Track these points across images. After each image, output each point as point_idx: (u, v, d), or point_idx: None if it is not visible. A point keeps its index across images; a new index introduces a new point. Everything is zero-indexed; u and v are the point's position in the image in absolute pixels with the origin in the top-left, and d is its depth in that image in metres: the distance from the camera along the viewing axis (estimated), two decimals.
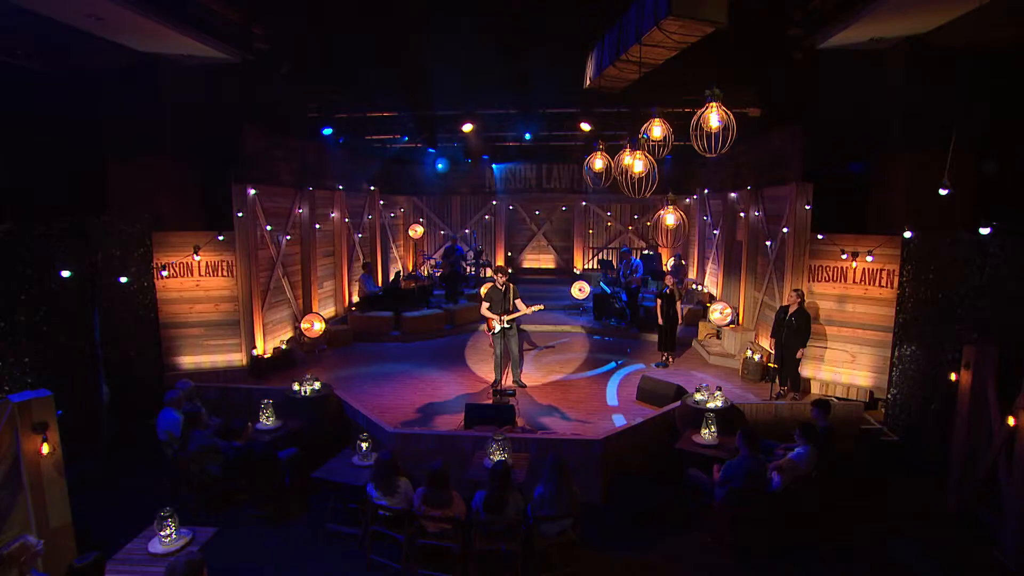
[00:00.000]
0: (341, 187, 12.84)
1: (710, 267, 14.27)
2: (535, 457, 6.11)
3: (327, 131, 10.95)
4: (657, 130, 5.92)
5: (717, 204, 13.59)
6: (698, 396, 7.20)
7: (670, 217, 5.84)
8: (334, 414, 7.57)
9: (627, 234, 17.72)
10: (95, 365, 7.22)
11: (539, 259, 18.30)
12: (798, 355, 8.10)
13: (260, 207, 9.69)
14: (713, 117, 4.74)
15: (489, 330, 8.69)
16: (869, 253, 7.79)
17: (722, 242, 12.94)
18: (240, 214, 9.00)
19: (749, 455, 5.41)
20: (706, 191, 14.34)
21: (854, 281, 8.31)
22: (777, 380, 8.38)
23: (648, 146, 6.04)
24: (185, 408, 6.25)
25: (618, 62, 6.72)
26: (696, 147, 4.75)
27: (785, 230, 9.25)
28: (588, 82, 8.67)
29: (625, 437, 6.77)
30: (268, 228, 9.94)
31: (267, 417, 6.73)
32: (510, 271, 9.10)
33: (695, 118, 4.74)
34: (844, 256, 8.07)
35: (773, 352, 8.48)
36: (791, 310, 8.13)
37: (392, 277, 14.10)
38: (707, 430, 6.45)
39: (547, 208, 17.91)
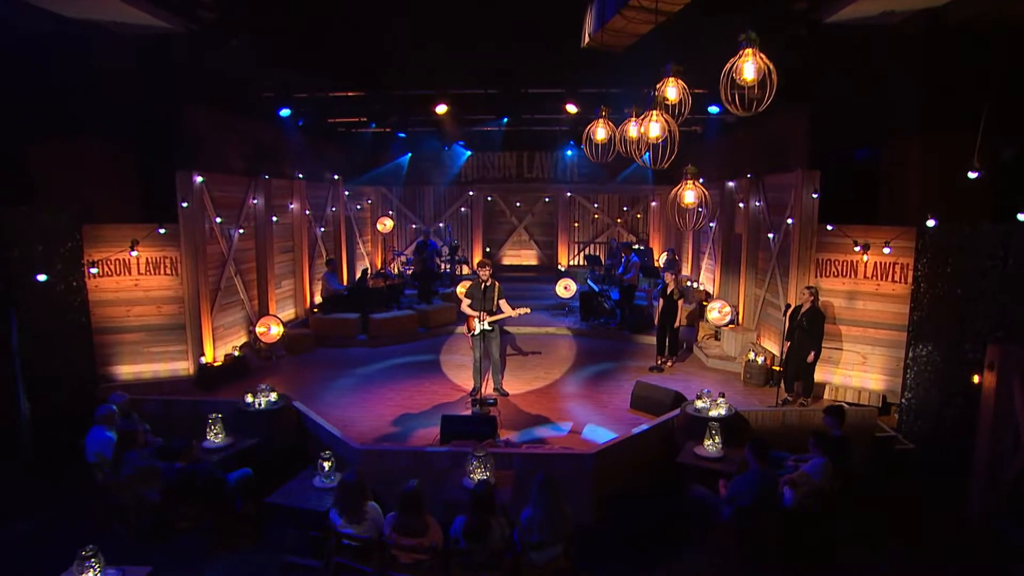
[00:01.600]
0: (301, 175, 12.45)
1: (706, 263, 14.19)
2: (521, 474, 5.86)
3: (284, 112, 10.54)
4: (671, 91, 5.35)
5: (713, 195, 13.43)
6: (699, 403, 7.03)
7: (689, 194, 5.32)
8: (293, 429, 7.23)
9: (616, 227, 17.60)
10: (12, 376, 6.76)
11: (520, 255, 18.07)
12: (809, 358, 7.98)
13: (208, 196, 9.26)
14: (748, 67, 4.15)
15: (468, 331, 8.41)
16: (886, 244, 7.67)
17: (719, 236, 12.86)
18: (185, 204, 8.58)
19: (760, 469, 5.24)
20: (701, 181, 14.19)
21: (865, 276, 8.24)
22: (783, 384, 8.25)
23: (662, 107, 5.54)
24: (119, 425, 5.85)
25: (626, 10, 6.22)
26: (727, 105, 4.25)
27: (790, 221, 9.15)
28: (587, 39, 8.26)
29: (619, 450, 6.57)
30: (218, 220, 9.51)
31: (215, 434, 6.36)
32: (489, 251, 8.70)
33: (727, 68, 4.23)
34: (858, 248, 7.97)
35: (785, 355, 8.32)
36: (803, 309, 8.01)
37: (358, 275, 13.72)
38: (710, 441, 6.28)
39: (528, 199, 17.70)
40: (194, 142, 9.01)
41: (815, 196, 8.51)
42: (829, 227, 8.30)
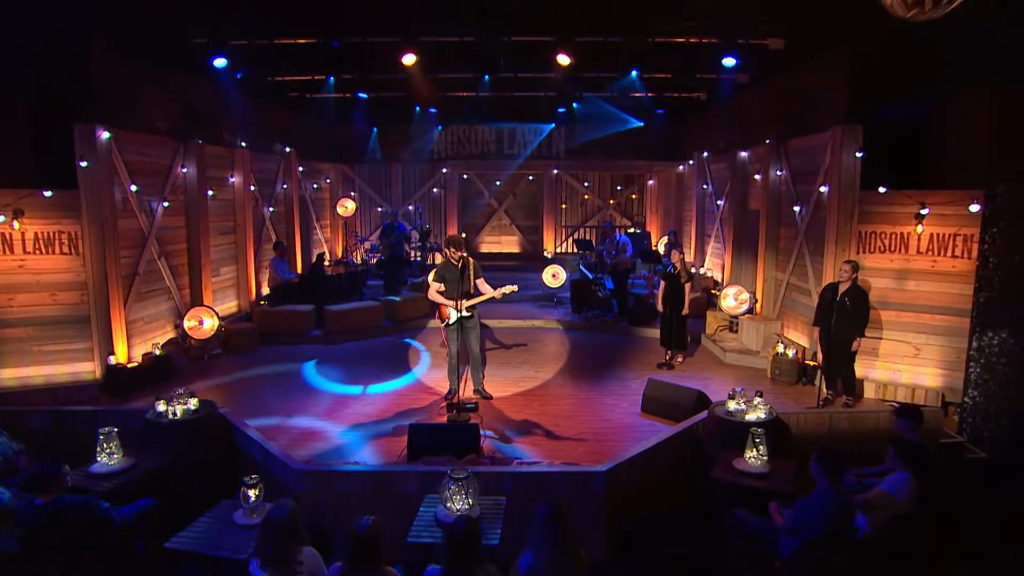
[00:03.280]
0: (244, 144, 11.12)
1: (712, 246, 13.21)
2: (513, 500, 4.73)
3: (220, 63, 9.20)
4: None
5: (721, 168, 12.53)
6: (732, 405, 5.97)
7: None
8: (220, 444, 5.99)
9: (608, 210, 16.56)
10: None
11: (500, 241, 16.95)
12: (854, 346, 6.99)
13: (120, 158, 7.94)
14: None
15: (442, 321, 7.26)
16: (975, 201, 6.56)
17: (729, 214, 11.87)
18: (84, 164, 7.24)
19: (832, 489, 4.18)
20: (705, 154, 13.27)
21: (919, 251, 7.28)
22: (823, 381, 7.24)
23: None
24: None
25: None
26: None
27: (823, 189, 8.17)
28: None
29: (636, 465, 5.48)
30: (133, 188, 8.19)
31: (108, 453, 5.10)
32: (465, 237, 7.51)
33: None
34: (925, 211, 6.96)
35: (819, 344, 7.34)
36: (843, 288, 7.00)
37: (314, 260, 12.44)
38: (752, 452, 5.21)
39: (510, 178, 16.54)
40: (102, 91, 7.67)
41: (859, 155, 7.51)
42: (882, 189, 7.29)
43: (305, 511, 4.98)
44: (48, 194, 7.03)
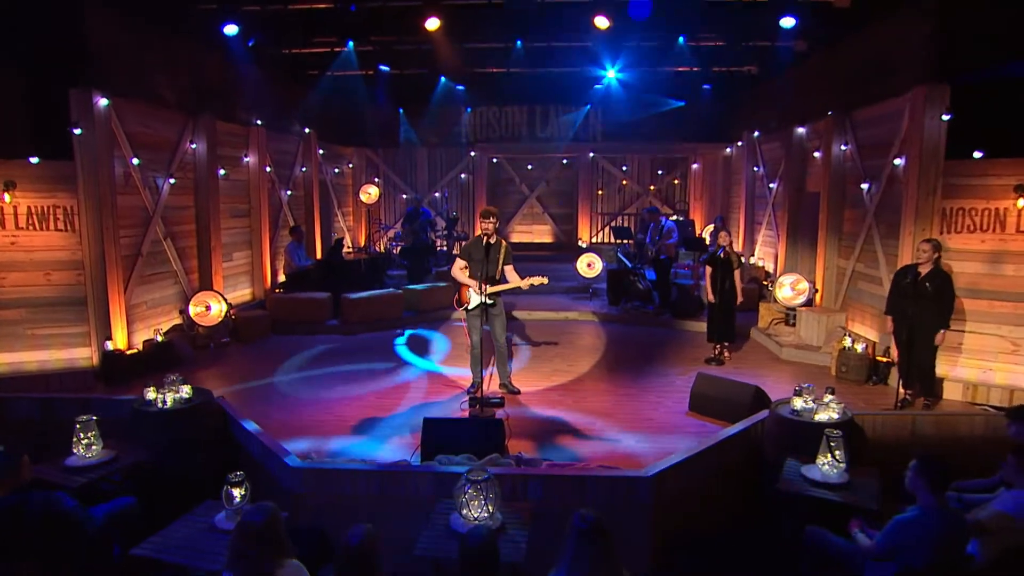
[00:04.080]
0: (259, 122, 10.75)
1: (763, 234, 12.40)
2: (542, 507, 4.12)
3: (231, 30, 8.81)
4: None
5: (774, 148, 11.72)
6: (798, 403, 5.26)
7: None
8: (215, 437, 5.51)
9: (647, 196, 15.81)
10: None
11: (532, 231, 16.36)
12: (937, 340, 6.19)
13: (120, 129, 7.57)
14: None
15: (460, 305, 6.68)
16: None
17: (783, 197, 11.06)
18: (79, 131, 6.86)
19: (937, 505, 3.47)
20: (756, 134, 12.46)
21: (1018, 229, 6.43)
22: (901, 380, 6.44)
23: None
24: None
25: None
26: None
27: (898, 162, 7.37)
28: None
29: (686, 470, 4.80)
30: (135, 162, 7.82)
31: (85, 445, 4.64)
32: (496, 211, 6.83)
33: None
34: None
35: (893, 336, 6.56)
36: (924, 270, 6.20)
37: (333, 244, 12.03)
38: (827, 458, 4.50)
39: (543, 163, 15.92)
40: (101, 56, 7.32)
41: (945, 118, 6.69)
42: (977, 154, 6.46)
43: (306, 514, 4.52)
44: (35, 161, 6.67)
